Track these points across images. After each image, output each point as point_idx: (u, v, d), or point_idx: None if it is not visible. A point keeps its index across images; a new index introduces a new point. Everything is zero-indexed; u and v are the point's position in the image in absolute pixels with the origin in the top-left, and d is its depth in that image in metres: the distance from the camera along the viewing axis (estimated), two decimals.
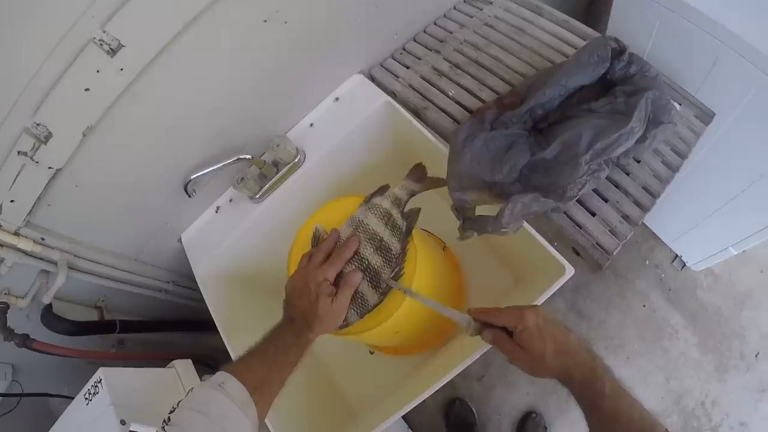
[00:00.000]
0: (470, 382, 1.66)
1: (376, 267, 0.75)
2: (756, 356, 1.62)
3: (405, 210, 0.80)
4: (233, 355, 0.89)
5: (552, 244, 0.83)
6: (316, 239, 0.78)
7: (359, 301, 0.74)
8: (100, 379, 0.80)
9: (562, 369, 0.59)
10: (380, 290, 0.74)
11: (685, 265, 1.73)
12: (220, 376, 0.58)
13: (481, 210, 0.82)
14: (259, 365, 0.62)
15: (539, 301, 0.80)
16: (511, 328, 0.62)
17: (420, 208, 0.80)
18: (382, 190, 0.82)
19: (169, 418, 0.53)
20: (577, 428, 1.60)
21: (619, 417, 0.54)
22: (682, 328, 1.67)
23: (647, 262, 1.75)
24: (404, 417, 1.43)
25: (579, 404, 0.59)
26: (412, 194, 0.82)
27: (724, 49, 1.01)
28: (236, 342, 0.93)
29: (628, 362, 1.64)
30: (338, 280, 0.73)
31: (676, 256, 1.74)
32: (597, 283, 1.73)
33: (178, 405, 0.55)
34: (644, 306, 1.70)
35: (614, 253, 0.86)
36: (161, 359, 1.03)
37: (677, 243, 1.71)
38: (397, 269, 0.75)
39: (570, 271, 0.80)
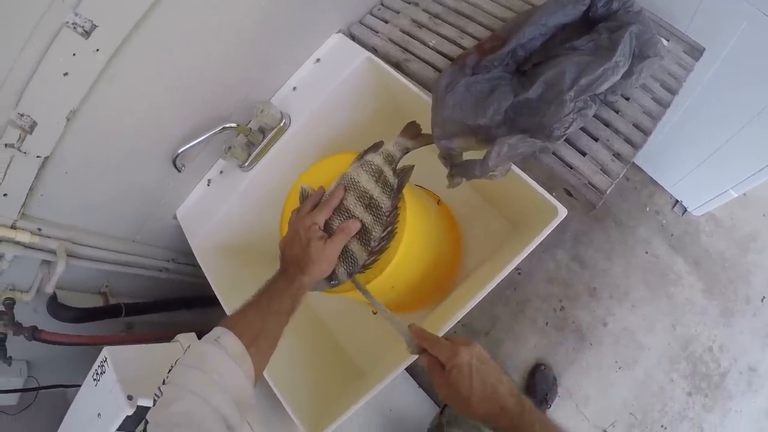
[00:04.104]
0: (478, 338, 1.65)
1: (366, 225, 0.75)
2: (762, 300, 1.61)
3: (398, 167, 0.79)
4: None
5: (546, 189, 0.82)
6: (304, 197, 0.79)
7: (349, 259, 0.74)
8: (105, 358, 0.81)
9: (487, 415, 0.57)
10: (369, 249, 0.74)
11: (686, 210, 1.71)
12: (217, 331, 0.59)
13: (468, 156, 0.82)
14: (254, 315, 0.62)
15: (533, 245, 0.80)
16: (444, 362, 0.61)
17: (413, 165, 0.79)
18: (376, 146, 0.81)
19: (167, 377, 0.54)
20: (586, 378, 1.61)
21: None
22: (686, 273, 1.66)
23: (648, 209, 1.73)
24: (414, 378, 1.44)
25: None
26: (406, 151, 0.81)
27: None
28: None
29: (634, 310, 1.63)
30: (329, 232, 0.73)
31: (677, 201, 1.72)
32: (598, 232, 1.71)
33: (176, 363, 0.56)
34: (647, 253, 1.68)
35: (607, 192, 0.85)
36: (170, 339, 1.05)
37: (677, 188, 1.69)
38: (389, 229, 0.75)
39: (563, 211, 0.79)
